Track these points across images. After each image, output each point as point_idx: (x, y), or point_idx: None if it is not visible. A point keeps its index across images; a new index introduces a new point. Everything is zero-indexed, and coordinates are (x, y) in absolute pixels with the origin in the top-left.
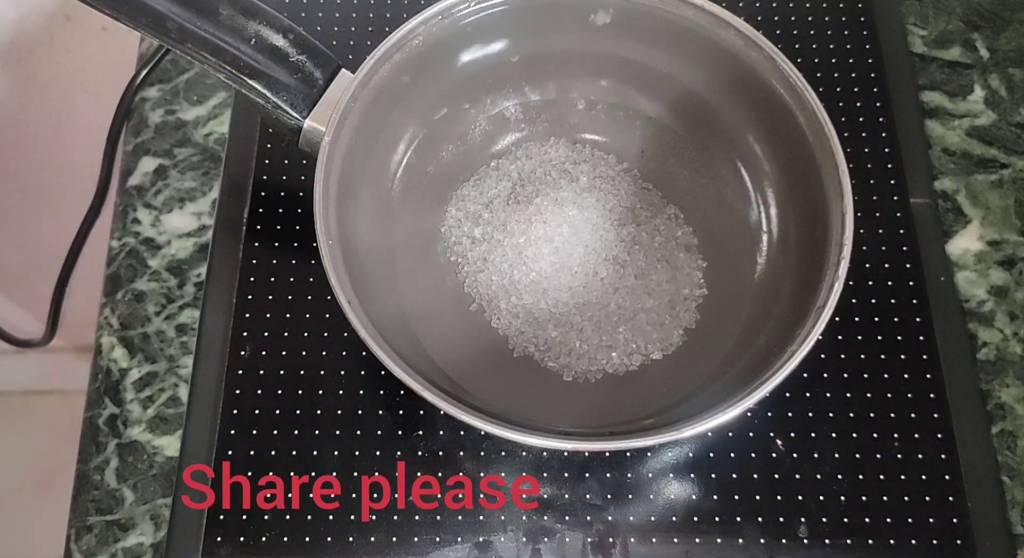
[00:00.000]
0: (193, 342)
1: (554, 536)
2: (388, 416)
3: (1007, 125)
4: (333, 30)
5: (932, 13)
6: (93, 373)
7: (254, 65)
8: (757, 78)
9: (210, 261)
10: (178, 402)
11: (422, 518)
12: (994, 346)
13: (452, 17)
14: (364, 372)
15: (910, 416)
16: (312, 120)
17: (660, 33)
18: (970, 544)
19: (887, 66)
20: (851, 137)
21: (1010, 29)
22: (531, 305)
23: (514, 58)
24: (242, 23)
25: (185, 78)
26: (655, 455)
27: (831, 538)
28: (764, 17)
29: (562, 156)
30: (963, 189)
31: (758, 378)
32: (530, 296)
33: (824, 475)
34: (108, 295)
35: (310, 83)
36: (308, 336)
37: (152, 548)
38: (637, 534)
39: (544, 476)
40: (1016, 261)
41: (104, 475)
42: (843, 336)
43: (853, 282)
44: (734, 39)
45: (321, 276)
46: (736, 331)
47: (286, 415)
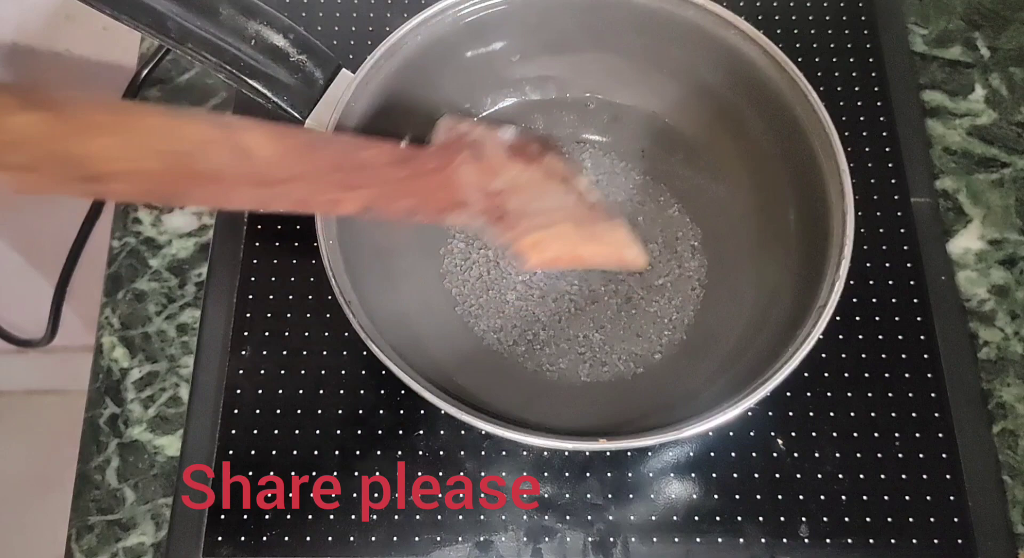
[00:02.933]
0: (194, 342)
1: (555, 535)
2: (388, 416)
3: (1008, 124)
4: (333, 30)
5: (933, 12)
6: (94, 373)
7: (254, 65)
8: (758, 77)
9: (211, 261)
10: (179, 402)
11: (422, 518)
12: (995, 345)
13: (452, 17)
14: (364, 372)
15: (911, 415)
16: (312, 120)
17: (661, 33)
18: (971, 543)
19: (888, 65)
20: (852, 136)
21: (1011, 28)
22: (530, 306)
23: (514, 58)
24: (242, 23)
25: (185, 78)
26: (656, 454)
27: (832, 537)
28: (765, 16)
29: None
30: (964, 188)
31: (759, 377)
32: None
33: (825, 474)
34: (109, 295)
35: (310, 83)
36: (309, 336)
37: (153, 548)
38: (638, 533)
39: (545, 476)
40: (1017, 260)
41: (105, 475)
42: (844, 335)
43: (854, 281)
44: (735, 38)
45: (321, 276)
46: (736, 331)
47: (286, 415)
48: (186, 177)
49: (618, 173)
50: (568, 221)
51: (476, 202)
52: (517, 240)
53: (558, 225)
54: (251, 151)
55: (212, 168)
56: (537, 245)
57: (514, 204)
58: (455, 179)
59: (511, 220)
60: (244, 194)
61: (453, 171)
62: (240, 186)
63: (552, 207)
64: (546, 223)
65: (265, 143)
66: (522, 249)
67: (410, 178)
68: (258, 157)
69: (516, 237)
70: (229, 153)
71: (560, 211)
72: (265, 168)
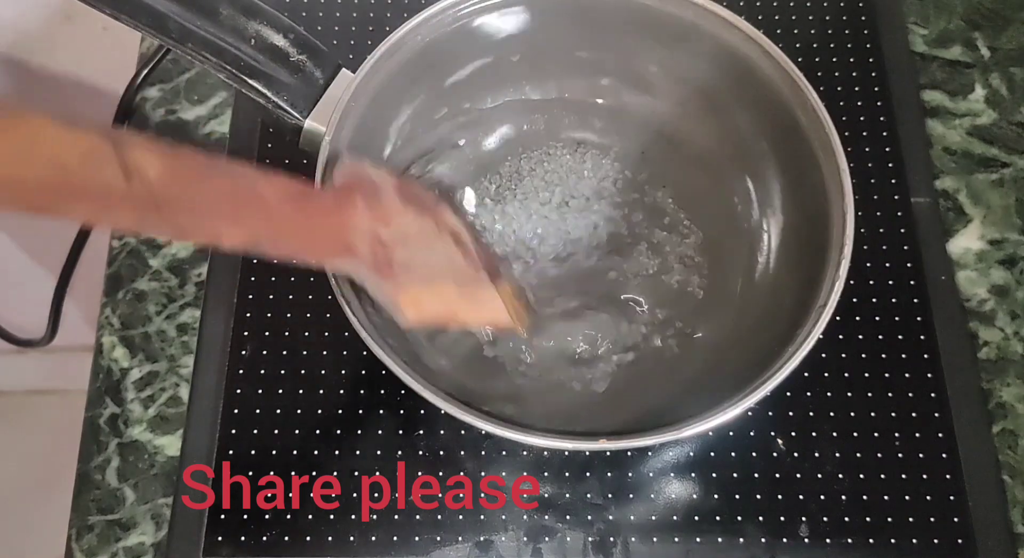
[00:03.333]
0: (194, 341)
1: (555, 535)
2: (389, 416)
3: (1008, 124)
4: (333, 30)
5: (933, 12)
6: (94, 373)
7: (254, 65)
8: (758, 77)
9: (211, 260)
10: (179, 401)
11: (423, 518)
12: (995, 345)
13: (452, 16)
14: (365, 372)
15: (911, 415)
16: (312, 120)
17: (661, 33)
18: (971, 543)
19: (888, 65)
20: (852, 136)
21: (1011, 28)
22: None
23: (514, 57)
24: (242, 23)
25: (186, 78)
26: (656, 454)
27: (832, 537)
28: (765, 16)
29: (562, 156)
30: (964, 188)
31: (759, 377)
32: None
33: (825, 474)
34: (109, 294)
35: (310, 83)
36: (309, 335)
37: (153, 548)
38: (638, 533)
39: (545, 475)
40: (1017, 260)
41: (105, 474)
42: (844, 335)
43: (854, 281)
44: (735, 38)
45: (322, 275)
46: (736, 331)
47: (287, 415)
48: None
49: (618, 173)
50: (450, 279)
51: (364, 249)
52: (397, 293)
53: (439, 282)
54: (139, 169)
55: (92, 185)
56: (416, 301)
57: (400, 255)
58: (347, 223)
59: (395, 271)
60: (122, 215)
61: (347, 215)
62: (119, 208)
63: (437, 263)
64: (428, 277)
65: (155, 162)
66: (402, 304)
67: (303, 217)
68: (144, 177)
69: (396, 290)
70: (113, 169)
71: (444, 268)
72: (149, 189)
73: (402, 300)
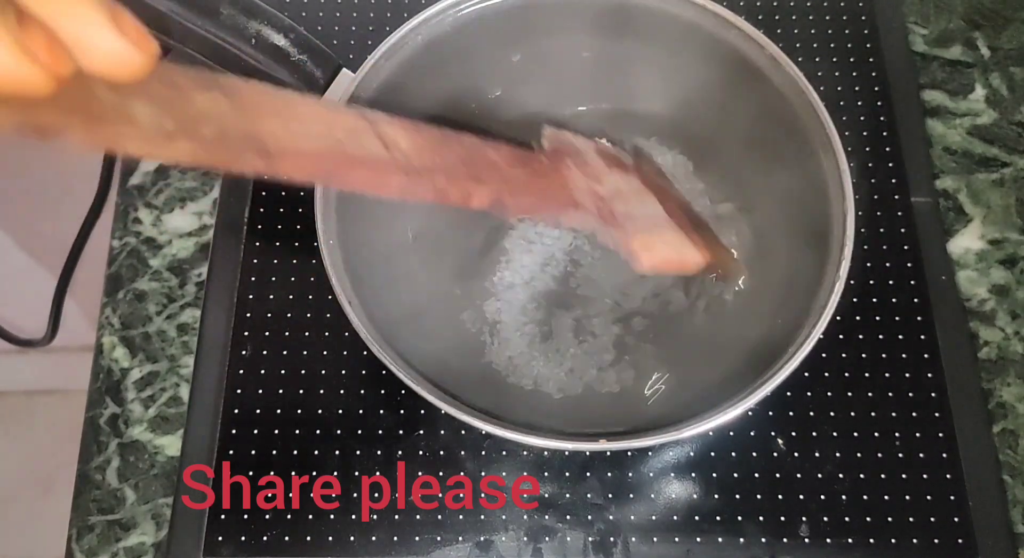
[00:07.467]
0: (194, 342)
1: (555, 535)
2: (389, 416)
3: (1008, 124)
4: (333, 30)
5: (933, 12)
6: (94, 373)
7: (255, 65)
8: (758, 77)
9: (211, 261)
10: (179, 402)
11: (423, 518)
12: (995, 345)
13: (452, 16)
14: (365, 372)
15: (911, 415)
16: None
17: (661, 32)
18: (971, 543)
19: (888, 65)
20: (852, 136)
21: (1011, 28)
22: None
23: (514, 57)
24: (243, 23)
25: None
26: (656, 454)
27: (832, 537)
28: (765, 16)
29: None
30: (964, 188)
31: (759, 377)
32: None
33: (825, 474)
34: (109, 295)
35: (311, 83)
36: (309, 336)
37: (153, 548)
38: (638, 533)
39: (545, 475)
40: (1017, 260)
41: (105, 475)
42: (844, 335)
43: (854, 281)
44: (735, 38)
45: (322, 276)
46: (737, 331)
47: (287, 415)
48: (342, 161)
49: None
50: (670, 228)
51: (588, 203)
52: (629, 241)
53: (663, 230)
54: (394, 142)
55: (363, 154)
56: (648, 246)
57: (620, 208)
58: (567, 182)
59: (619, 221)
60: (394, 180)
61: (564, 175)
62: (390, 173)
63: (654, 213)
64: (650, 227)
65: (402, 135)
66: (634, 249)
67: (530, 177)
68: (400, 148)
69: (628, 237)
70: (376, 142)
71: (662, 218)
72: (407, 158)
73: (635, 246)
